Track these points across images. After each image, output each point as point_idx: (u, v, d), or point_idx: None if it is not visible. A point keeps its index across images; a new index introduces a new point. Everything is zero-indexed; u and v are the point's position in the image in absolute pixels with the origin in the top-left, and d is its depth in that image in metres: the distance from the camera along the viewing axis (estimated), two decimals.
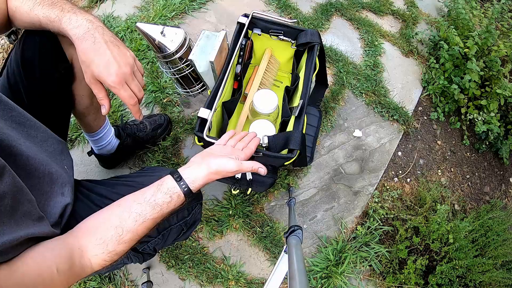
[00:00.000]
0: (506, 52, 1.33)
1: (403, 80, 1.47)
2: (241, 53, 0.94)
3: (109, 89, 0.54)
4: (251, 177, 0.81)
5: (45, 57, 0.61)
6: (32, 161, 0.50)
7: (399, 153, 1.31)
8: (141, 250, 0.66)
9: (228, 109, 0.96)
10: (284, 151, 0.78)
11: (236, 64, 0.95)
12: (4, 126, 0.48)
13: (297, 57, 1.05)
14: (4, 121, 0.49)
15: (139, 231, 0.49)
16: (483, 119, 1.32)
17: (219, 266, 1.01)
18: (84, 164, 1.11)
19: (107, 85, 0.53)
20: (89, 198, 0.61)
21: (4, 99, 0.50)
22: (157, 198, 0.50)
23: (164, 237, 0.67)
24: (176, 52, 0.85)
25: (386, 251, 1.08)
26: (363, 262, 1.07)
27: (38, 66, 0.60)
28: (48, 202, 0.53)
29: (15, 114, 0.52)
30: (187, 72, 0.92)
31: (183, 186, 0.51)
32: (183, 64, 0.89)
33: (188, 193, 0.51)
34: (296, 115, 0.82)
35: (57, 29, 0.54)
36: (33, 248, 0.43)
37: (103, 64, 0.51)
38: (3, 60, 1.35)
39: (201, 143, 0.79)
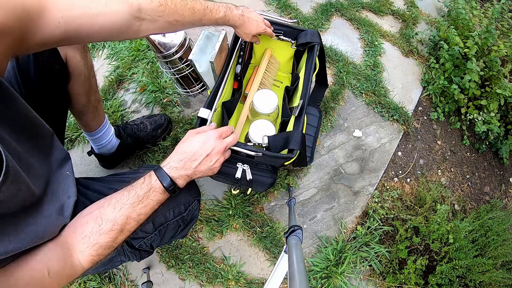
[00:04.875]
0: (506, 52, 1.33)
1: (403, 80, 1.47)
2: (241, 53, 0.94)
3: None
4: (251, 177, 0.81)
5: (40, 58, 0.61)
6: (42, 170, 0.51)
7: (399, 153, 1.31)
8: (138, 246, 0.65)
9: (228, 109, 0.96)
10: (284, 151, 0.78)
11: (236, 64, 0.95)
12: (20, 139, 0.47)
13: (297, 57, 1.05)
14: (22, 133, 0.48)
15: (118, 220, 0.50)
16: (483, 119, 1.32)
17: (219, 266, 1.01)
18: (84, 164, 1.11)
19: (263, 30, 0.81)
20: (86, 196, 0.61)
21: (23, 109, 0.49)
22: (133, 183, 0.53)
23: (161, 233, 0.66)
24: (176, 52, 0.85)
25: (386, 251, 1.08)
26: (363, 262, 1.07)
27: (33, 67, 0.60)
28: (62, 208, 0.53)
29: (31, 127, 0.51)
30: (187, 72, 0.92)
31: (155, 167, 0.55)
32: (183, 64, 0.89)
33: (161, 175, 0.54)
34: (296, 115, 0.82)
35: (224, 23, 0.70)
36: (28, 251, 0.43)
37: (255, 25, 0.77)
38: None
39: None
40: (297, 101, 0.87)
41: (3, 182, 0.36)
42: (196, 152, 0.58)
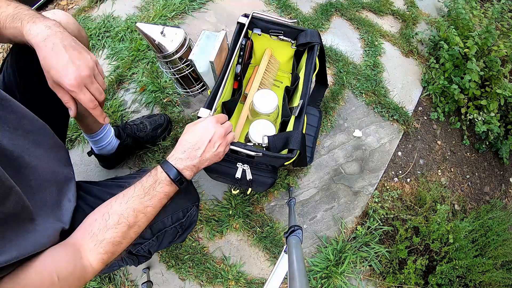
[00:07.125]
0: (506, 52, 1.33)
1: (403, 80, 1.47)
2: (241, 53, 0.94)
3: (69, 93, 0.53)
4: (251, 177, 0.81)
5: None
6: (40, 170, 0.51)
7: (399, 153, 1.31)
8: (135, 252, 0.65)
9: (228, 109, 0.96)
10: (284, 151, 0.78)
11: (236, 64, 0.95)
12: (15, 137, 0.47)
13: (297, 57, 1.05)
14: (15, 130, 0.48)
15: (125, 213, 0.49)
16: (483, 119, 1.32)
17: (219, 266, 1.01)
18: (84, 164, 1.11)
19: (66, 89, 0.52)
20: (85, 201, 0.61)
21: (17, 108, 0.49)
22: (141, 179, 0.53)
23: (159, 239, 0.66)
24: (176, 52, 0.85)
25: (386, 251, 1.08)
26: (363, 262, 1.07)
27: (34, 72, 0.60)
28: (60, 212, 0.53)
29: (26, 122, 0.51)
30: (187, 72, 0.92)
31: (161, 161, 0.55)
32: (183, 64, 0.89)
33: (167, 167, 0.54)
34: (296, 115, 0.82)
35: (25, 41, 0.52)
36: (35, 257, 0.43)
37: (61, 67, 0.50)
38: (2, 58, 1.35)
39: None
40: (297, 101, 0.87)
41: None
42: (198, 141, 0.58)
